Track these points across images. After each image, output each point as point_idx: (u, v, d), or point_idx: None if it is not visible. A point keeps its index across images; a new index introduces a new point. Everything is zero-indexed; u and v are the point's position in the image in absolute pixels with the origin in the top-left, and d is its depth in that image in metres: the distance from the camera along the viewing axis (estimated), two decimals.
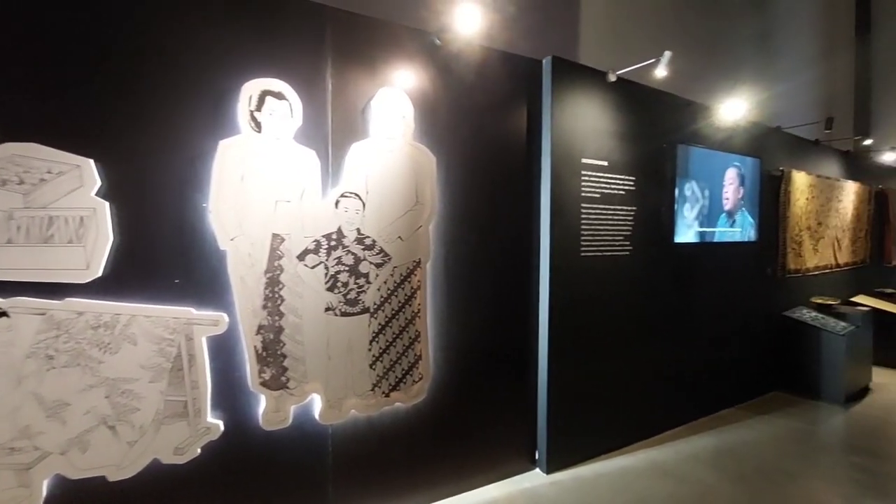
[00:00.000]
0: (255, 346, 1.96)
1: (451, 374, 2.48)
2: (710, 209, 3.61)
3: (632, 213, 3.14)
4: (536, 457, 2.83)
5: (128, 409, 1.84)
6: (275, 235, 1.99)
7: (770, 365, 4.35)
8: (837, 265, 5.28)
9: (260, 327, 1.97)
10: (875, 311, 4.90)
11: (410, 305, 2.30)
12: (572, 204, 2.84)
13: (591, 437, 2.98)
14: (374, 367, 2.21)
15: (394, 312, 2.25)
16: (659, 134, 3.30)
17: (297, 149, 2.03)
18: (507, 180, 2.69)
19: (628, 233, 3.13)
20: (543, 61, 2.77)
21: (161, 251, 1.84)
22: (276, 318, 1.99)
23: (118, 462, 1.82)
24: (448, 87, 2.44)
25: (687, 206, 3.45)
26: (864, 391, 4.40)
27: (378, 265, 2.21)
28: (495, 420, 2.68)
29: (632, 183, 3.13)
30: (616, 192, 3.05)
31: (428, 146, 2.35)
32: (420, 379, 2.34)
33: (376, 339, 2.22)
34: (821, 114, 5.39)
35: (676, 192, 3.30)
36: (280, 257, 1.99)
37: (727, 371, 3.91)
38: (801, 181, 4.52)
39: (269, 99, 1.97)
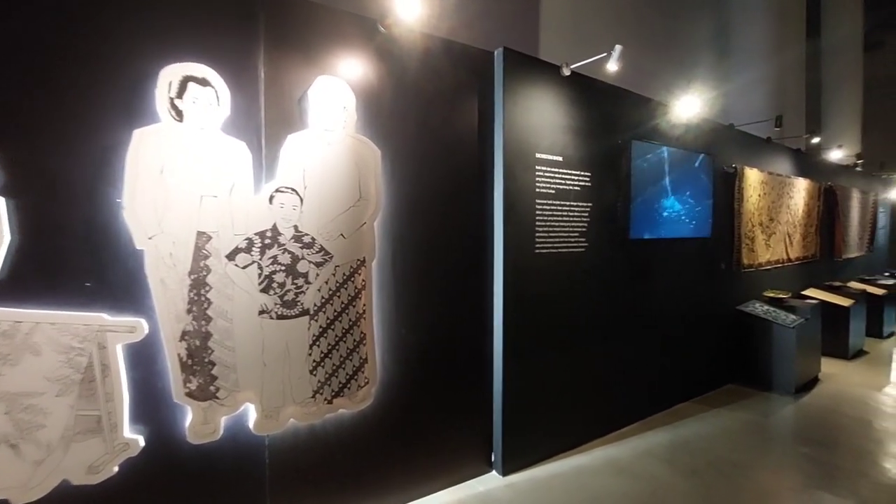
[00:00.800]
0: (178, 354, 1.81)
1: (401, 377, 2.38)
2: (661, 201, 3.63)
3: (587, 209, 3.11)
4: (492, 459, 2.76)
5: (32, 425, 1.66)
6: (200, 233, 1.83)
7: (725, 358, 4.43)
8: (789, 259, 5.44)
9: (184, 333, 1.81)
10: (823, 303, 5.07)
11: (354, 306, 2.18)
12: (526, 200, 2.78)
13: (548, 436, 2.94)
14: (314, 372, 2.09)
15: (336, 314, 2.14)
16: (614, 130, 3.28)
17: (225, 140, 1.89)
18: (458, 175, 2.60)
19: (584, 229, 3.10)
20: (495, 53, 2.70)
21: (69, 252, 1.66)
22: (203, 322, 1.84)
23: (23, 483, 1.65)
24: (394, 76, 2.33)
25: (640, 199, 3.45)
26: (814, 381, 4.54)
27: (318, 264, 2.08)
28: (449, 423, 2.60)
29: (587, 179, 3.10)
30: (571, 187, 3.01)
31: (372, 138, 2.24)
32: (366, 383, 2.23)
33: (317, 343, 2.09)
34: (773, 113, 5.55)
35: (632, 187, 3.29)
36: (206, 257, 1.85)
37: (683, 366, 3.96)
38: (753, 178, 4.62)
39: (191, 85, 1.81)
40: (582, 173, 3.07)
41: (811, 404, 4.00)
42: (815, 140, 4.99)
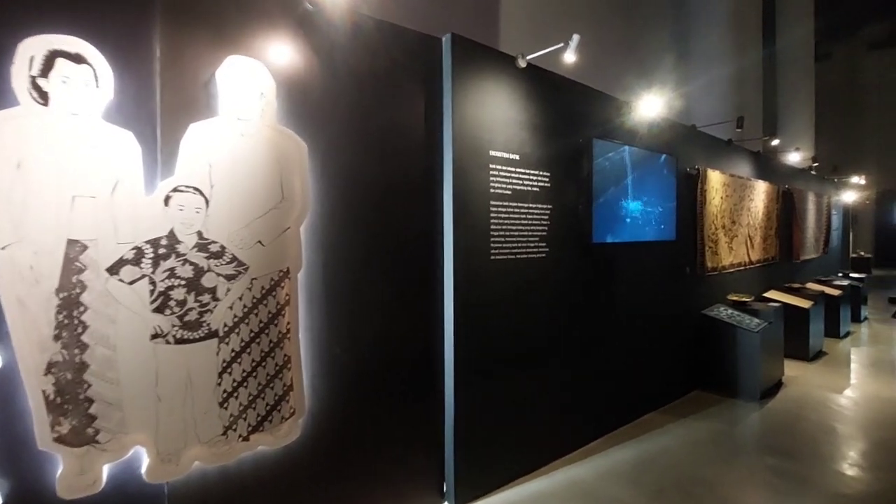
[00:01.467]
0: (44, 391, 1.46)
1: (335, 405, 2.09)
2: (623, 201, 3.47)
3: (547, 211, 2.90)
4: (444, 489, 2.50)
5: None
6: (72, 242, 1.50)
7: (691, 365, 4.32)
8: (751, 262, 5.43)
9: (51, 365, 1.47)
10: (784, 305, 5.06)
11: (276, 325, 1.88)
12: (480, 201, 2.54)
13: (507, 460, 2.70)
14: (226, 405, 1.77)
15: (253, 335, 1.83)
16: (574, 127, 3.10)
17: (107, 129, 1.56)
18: (403, 173, 2.34)
19: (543, 233, 2.88)
20: (443, 39, 2.45)
21: None
22: (76, 351, 1.51)
23: None
24: (324, 61, 2.05)
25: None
26: (778, 385, 4.49)
27: (229, 277, 1.77)
28: (394, 452, 2.31)
29: (546, 179, 2.90)
30: (529, 188, 2.80)
31: (297, 130, 1.94)
32: (291, 414, 1.93)
33: (228, 370, 1.78)
34: (732, 115, 5.55)
35: (593, 188, 3.10)
36: (80, 271, 1.51)
37: (648, 374, 3.81)
38: (715, 180, 4.55)
39: (60, 62, 1.48)
40: (540, 173, 2.86)
41: (776, 410, 3.92)
42: (775, 142, 5.01)
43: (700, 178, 4.32)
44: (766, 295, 5.55)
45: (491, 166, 2.59)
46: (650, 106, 3.56)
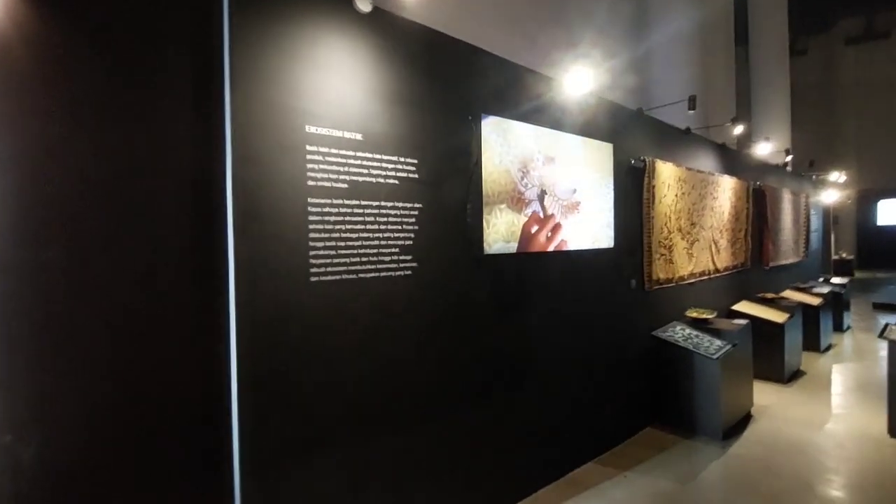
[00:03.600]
0: None
1: None
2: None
3: (413, 212, 2.11)
4: None
5: None
6: None
7: (640, 397, 3.56)
8: (717, 270, 4.70)
9: None
10: (755, 320, 4.34)
11: None
12: (287, 199, 1.74)
13: None
14: None
15: None
16: (458, 101, 2.32)
17: None
18: (151, 169, 1.53)
19: (408, 242, 2.09)
20: None
21: None
22: None
23: None
24: None
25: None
26: (746, 419, 3.74)
27: None
28: None
29: (411, 168, 2.11)
30: (383, 180, 2.01)
31: None
32: None
33: None
34: (702, 103, 4.81)
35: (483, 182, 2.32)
36: None
37: (581, 416, 3.02)
38: (667, 174, 3.82)
39: None
40: (401, 160, 2.07)
41: (741, 457, 3.16)
42: (738, 129, 4.30)
43: (647, 172, 3.58)
44: (735, 308, 4.83)
45: (309, 148, 1.79)
46: (577, 81, 2.82)
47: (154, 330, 1.53)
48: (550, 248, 2.61)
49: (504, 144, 2.39)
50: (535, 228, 2.49)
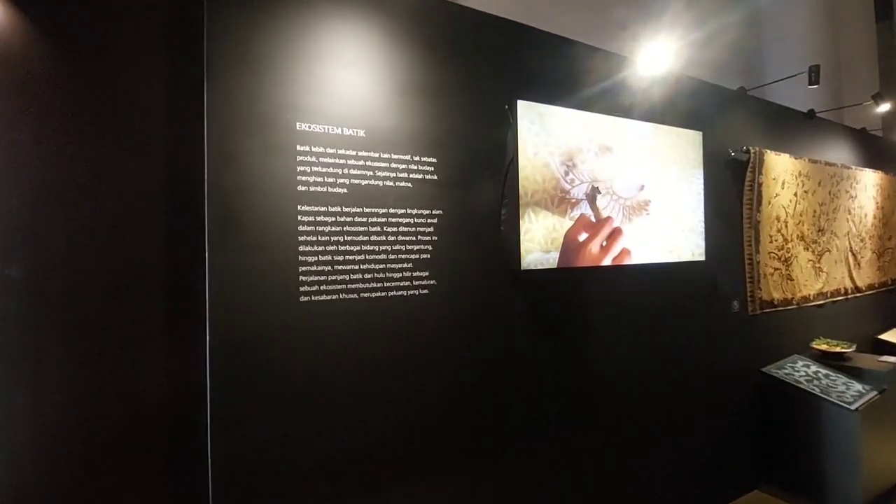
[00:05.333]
0: None
1: None
2: None
3: (431, 221, 1.79)
4: None
5: None
6: None
7: (745, 451, 2.82)
8: (856, 289, 3.70)
9: None
10: None
11: None
12: (273, 206, 1.51)
13: None
14: None
15: None
16: (489, 86, 1.96)
17: None
18: (116, 161, 1.39)
19: (424, 256, 1.77)
20: None
21: None
22: None
23: None
24: None
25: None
26: None
27: None
28: None
29: (429, 167, 1.79)
30: (391, 183, 1.71)
31: None
32: None
33: None
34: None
35: (521, 183, 1.91)
36: None
37: (664, 473, 2.43)
38: (781, 167, 3.04)
39: None
40: (417, 158, 1.76)
41: None
42: (885, 107, 3.31)
43: (753, 165, 2.86)
44: (883, 337, 3.76)
45: (299, 148, 1.55)
46: (649, 57, 2.31)
47: (122, 353, 1.38)
48: (606, 261, 2.10)
49: (541, 133, 1.96)
50: (583, 236, 2.01)
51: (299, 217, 1.54)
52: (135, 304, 1.40)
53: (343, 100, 1.63)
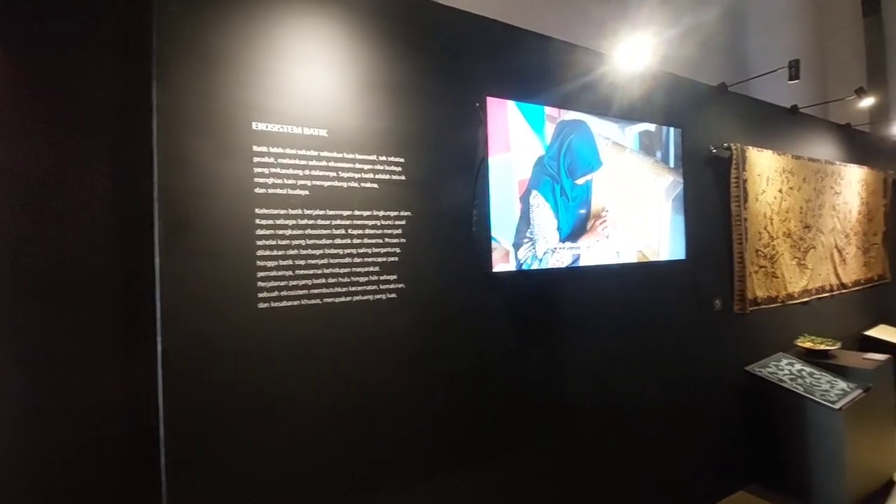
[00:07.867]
0: None
1: None
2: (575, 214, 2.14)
3: (399, 222, 1.73)
4: None
5: None
6: None
7: (730, 451, 2.79)
8: (841, 285, 3.68)
9: None
10: None
11: None
12: (227, 210, 1.44)
13: None
14: None
15: None
16: (459, 83, 1.90)
17: None
18: (57, 162, 1.33)
19: (391, 259, 1.71)
20: None
21: None
22: None
23: None
24: None
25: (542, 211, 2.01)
26: (886, 489, 2.78)
27: None
28: None
29: (396, 168, 1.73)
30: (356, 185, 1.65)
31: None
32: None
33: None
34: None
35: (490, 183, 1.86)
36: None
37: (648, 475, 2.39)
38: (765, 164, 3.01)
39: None
40: (383, 158, 1.70)
41: None
42: (868, 102, 3.28)
43: (735, 162, 2.83)
44: (870, 334, 3.74)
45: (256, 149, 1.49)
46: (630, 55, 2.27)
47: (68, 362, 1.32)
48: (595, 262, 2.05)
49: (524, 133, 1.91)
50: None
51: (257, 220, 1.48)
52: (81, 312, 1.34)
53: (303, 98, 1.57)
